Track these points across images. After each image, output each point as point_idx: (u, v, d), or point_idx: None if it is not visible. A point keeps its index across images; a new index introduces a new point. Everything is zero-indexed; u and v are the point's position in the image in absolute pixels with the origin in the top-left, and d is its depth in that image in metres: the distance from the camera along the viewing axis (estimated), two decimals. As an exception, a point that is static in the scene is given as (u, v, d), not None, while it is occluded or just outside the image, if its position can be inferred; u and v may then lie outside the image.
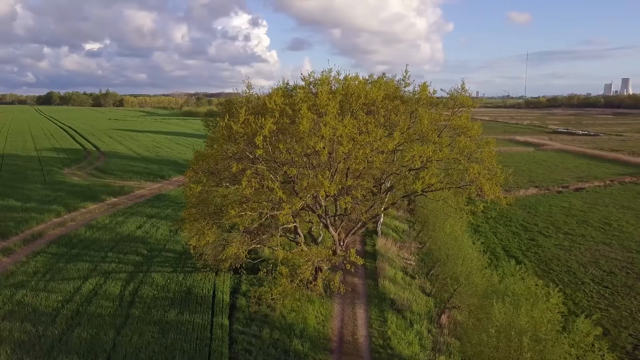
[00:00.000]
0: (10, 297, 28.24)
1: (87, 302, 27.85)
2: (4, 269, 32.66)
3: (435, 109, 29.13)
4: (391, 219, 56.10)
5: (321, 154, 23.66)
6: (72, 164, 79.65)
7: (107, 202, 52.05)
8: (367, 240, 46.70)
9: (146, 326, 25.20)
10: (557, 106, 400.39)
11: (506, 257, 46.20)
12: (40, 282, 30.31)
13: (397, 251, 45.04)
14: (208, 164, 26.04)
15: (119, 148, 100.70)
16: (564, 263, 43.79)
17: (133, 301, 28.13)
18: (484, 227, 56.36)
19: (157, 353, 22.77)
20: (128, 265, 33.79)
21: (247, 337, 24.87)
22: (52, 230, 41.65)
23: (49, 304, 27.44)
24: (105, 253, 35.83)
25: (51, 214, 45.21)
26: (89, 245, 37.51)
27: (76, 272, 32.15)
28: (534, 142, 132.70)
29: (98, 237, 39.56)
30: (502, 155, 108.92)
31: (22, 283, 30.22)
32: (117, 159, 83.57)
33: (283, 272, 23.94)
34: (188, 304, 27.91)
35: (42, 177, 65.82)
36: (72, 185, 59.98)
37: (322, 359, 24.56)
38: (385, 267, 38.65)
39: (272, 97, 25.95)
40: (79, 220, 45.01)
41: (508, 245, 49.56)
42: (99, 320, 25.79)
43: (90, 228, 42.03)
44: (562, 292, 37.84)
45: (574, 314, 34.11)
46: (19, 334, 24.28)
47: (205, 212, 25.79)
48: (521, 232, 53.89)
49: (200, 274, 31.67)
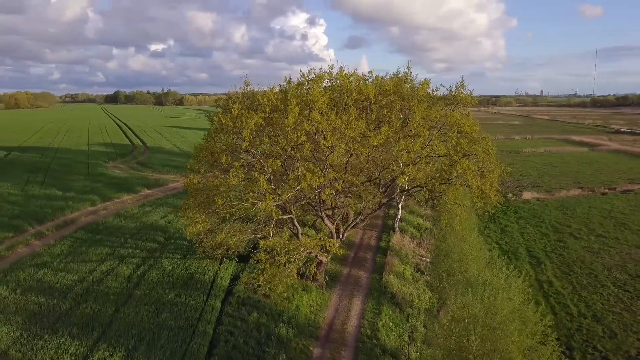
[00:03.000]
0: (32, 274, 31.08)
1: (98, 282, 30.18)
2: (33, 250, 35.88)
3: (434, 107, 29.12)
4: (415, 216, 55.92)
5: (304, 148, 24.52)
6: (117, 157, 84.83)
7: (140, 194, 55.30)
8: (383, 236, 46.95)
9: (144, 306, 27.08)
10: (627, 105, 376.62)
11: (527, 258, 45.15)
12: (62, 263, 33.07)
13: (413, 247, 44.99)
14: (205, 156, 27.60)
15: (164, 143, 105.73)
16: (588, 265, 42.21)
17: (139, 283, 30.19)
18: (512, 227, 55.04)
19: (147, 329, 24.49)
20: (143, 251, 36.10)
21: (233, 320, 26.16)
22: (85, 217, 44.96)
23: (64, 282, 29.97)
24: (125, 239, 38.41)
25: (86, 203, 48.75)
26: (113, 232, 40.30)
27: (95, 255, 34.77)
28: (589, 142, 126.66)
29: (123, 225, 42.36)
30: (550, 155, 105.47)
31: (46, 263, 33.10)
32: (160, 154, 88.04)
33: (262, 257, 25.01)
34: (187, 288, 29.62)
35: (87, 169, 70.68)
36: (112, 178, 64.07)
37: (306, 345, 25.39)
38: (394, 262, 38.86)
39: (266, 93, 27.08)
40: (111, 209, 48.25)
41: (532, 246, 48.27)
42: (104, 298, 27.96)
43: (119, 216, 45.02)
44: (576, 294, 36.98)
45: (583, 316, 33.17)
46: (32, 307, 26.80)
47: (199, 201, 27.39)
48: (550, 233, 52.23)
49: (206, 261, 33.40)
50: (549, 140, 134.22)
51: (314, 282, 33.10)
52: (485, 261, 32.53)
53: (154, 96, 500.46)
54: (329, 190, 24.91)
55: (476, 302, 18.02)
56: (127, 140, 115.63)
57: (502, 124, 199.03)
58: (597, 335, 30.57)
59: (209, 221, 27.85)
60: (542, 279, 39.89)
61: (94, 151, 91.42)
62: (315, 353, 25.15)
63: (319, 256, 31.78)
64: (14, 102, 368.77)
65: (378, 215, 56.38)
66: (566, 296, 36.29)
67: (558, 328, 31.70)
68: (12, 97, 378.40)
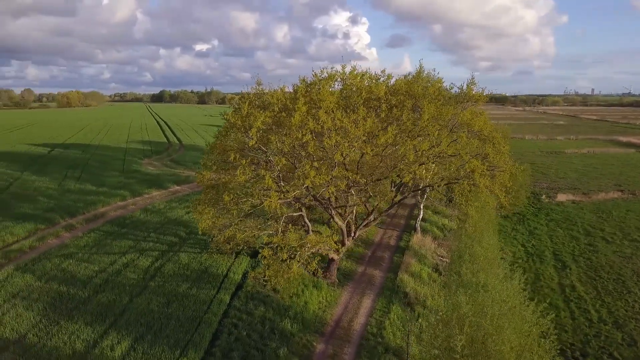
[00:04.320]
0: (58, 264, 32.81)
1: (117, 274, 31.54)
2: (62, 242, 37.82)
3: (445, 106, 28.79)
4: (441, 217, 55.25)
5: (309, 146, 24.88)
6: (153, 155, 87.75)
7: (170, 190, 57.15)
8: (404, 236, 46.67)
9: (156, 297, 28.14)
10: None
11: (552, 261, 43.94)
12: (86, 255, 34.72)
13: (434, 248, 44.52)
14: (217, 153, 28.40)
15: (199, 141, 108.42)
16: (616, 271, 40.71)
17: (155, 275, 31.35)
18: (541, 230, 53.60)
19: (155, 319, 25.49)
20: (164, 244, 37.40)
21: (239, 313, 26.81)
22: (114, 212, 46.94)
23: (85, 273, 31.50)
24: (148, 233, 39.89)
25: (117, 198, 50.85)
26: (138, 226, 41.91)
27: (118, 248, 36.31)
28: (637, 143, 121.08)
29: (148, 219, 43.97)
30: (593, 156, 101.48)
31: (71, 254, 34.83)
32: (194, 152, 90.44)
33: (265, 253, 25.54)
34: (200, 281, 30.55)
35: (122, 166, 73.59)
36: (145, 174, 66.45)
37: (310, 340, 25.74)
38: (410, 262, 38.65)
39: (275, 92, 27.58)
40: (139, 204, 50.12)
41: (560, 249, 46.89)
42: (121, 289, 29.22)
43: (146, 211, 46.73)
44: (599, 300, 35.78)
45: (603, 322, 32.11)
46: (54, 295, 28.34)
47: (210, 197, 28.23)
48: (581, 237, 50.59)
49: (221, 256, 34.31)
50: (594, 141, 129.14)
51: (327, 279, 33.37)
52: (498, 263, 31.97)
53: (197, 95, 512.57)
54: (331, 188, 25.14)
55: (465, 302, 17.89)
56: (164, 138, 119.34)
57: (545, 124, 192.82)
58: (616, 342, 29.54)
59: (219, 217, 28.61)
60: (565, 283, 38.75)
61: (131, 148, 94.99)
62: (319, 348, 25.44)
63: (329, 253, 32.05)
64: (66, 101, 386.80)
65: (402, 215, 56.06)
66: (588, 301, 35.16)
67: (575, 333, 30.83)
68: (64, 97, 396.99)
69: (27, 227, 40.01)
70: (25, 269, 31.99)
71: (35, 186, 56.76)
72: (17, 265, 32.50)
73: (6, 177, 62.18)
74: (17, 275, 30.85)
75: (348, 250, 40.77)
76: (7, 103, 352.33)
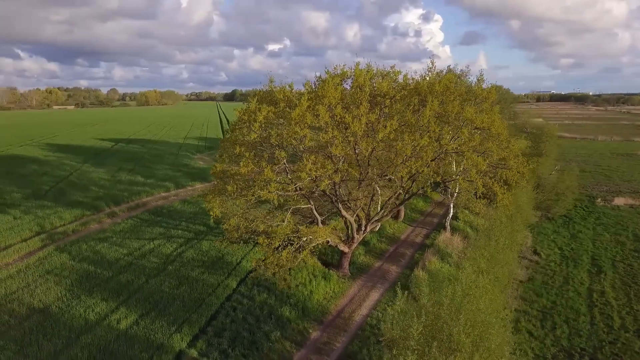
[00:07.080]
0: (92, 247, 36.00)
1: (142, 257, 34.13)
2: (102, 227, 41.29)
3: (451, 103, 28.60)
4: (475, 216, 54.04)
5: (306, 140, 25.87)
6: (205, 150, 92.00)
7: (212, 183, 59.88)
8: (432, 234, 46.35)
9: (169, 279, 30.27)
10: None
11: (588, 266, 41.89)
12: (119, 239, 37.76)
13: (462, 247, 43.94)
14: (227, 147, 30.06)
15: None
16: (657, 279, 38.24)
17: (174, 260, 33.63)
18: (585, 234, 51.02)
19: (163, 299, 27.53)
20: (191, 232, 39.77)
21: (241, 297, 28.27)
22: (155, 202, 50.27)
23: (114, 255, 34.35)
24: (180, 222, 42.51)
25: (161, 189, 54.34)
26: (172, 215, 44.72)
27: (149, 234, 39.10)
28: None
29: (183, 210, 46.75)
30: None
31: (107, 238, 38.02)
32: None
33: (261, 242, 26.82)
34: (213, 267, 32.39)
35: (174, 160, 77.96)
36: (192, 168, 70.14)
37: (306, 327, 26.68)
38: (431, 259, 38.43)
39: (282, 89, 28.82)
40: (181, 195, 53.26)
41: (600, 254, 44.54)
42: (140, 271, 31.66)
43: (183, 202, 49.65)
44: (628, 307, 34.04)
45: (624, 329, 30.57)
46: (82, 273, 31.26)
47: (218, 188, 29.96)
48: (628, 242, 47.72)
49: (238, 245, 36.00)
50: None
51: (339, 271, 34.11)
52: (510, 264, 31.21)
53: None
54: (326, 181, 25.93)
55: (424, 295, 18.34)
56: (222, 134, 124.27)
57: (625, 125, 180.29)
58: (632, 350, 28.06)
59: (228, 206, 30.27)
60: (595, 288, 36.93)
61: (187, 144, 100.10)
62: (314, 335, 26.33)
63: (339, 246, 32.77)
64: (145, 99, 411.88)
65: (436, 214, 55.41)
66: (615, 308, 33.42)
67: (589, 339, 29.60)
68: (143, 95, 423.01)
69: (74, 212, 43.90)
70: (63, 249, 35.41)
71: (91, 177, 61.72)
72: (58, 246, 36.03)
73: (68, 168, 68.08)
74: (56, 255, 34.25)
75: (369, 245, 41.20)
76: (94, 102, 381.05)
